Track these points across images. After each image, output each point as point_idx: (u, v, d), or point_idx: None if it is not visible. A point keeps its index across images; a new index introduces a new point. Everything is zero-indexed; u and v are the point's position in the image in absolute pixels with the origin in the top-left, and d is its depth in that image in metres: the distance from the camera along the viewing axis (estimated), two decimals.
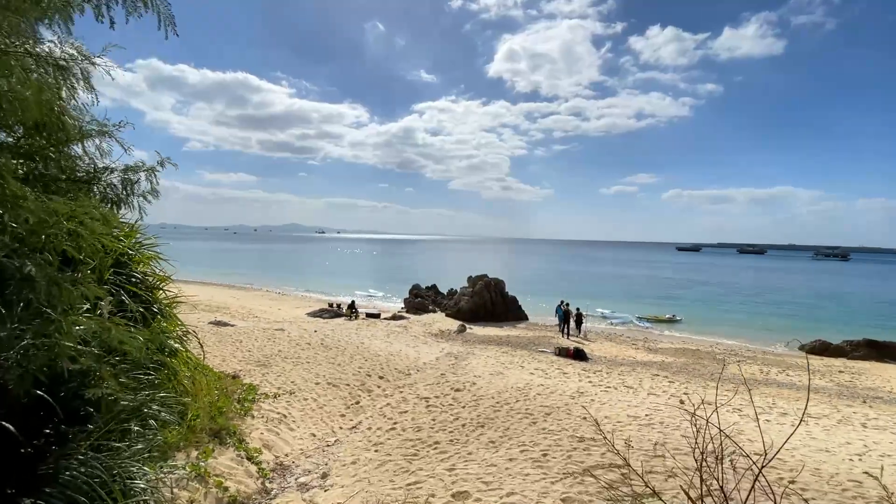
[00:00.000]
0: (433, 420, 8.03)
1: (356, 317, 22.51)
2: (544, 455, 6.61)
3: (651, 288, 47.45)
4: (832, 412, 10.36)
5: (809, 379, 14.85)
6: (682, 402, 10.26)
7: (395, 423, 7.89)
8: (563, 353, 15.47)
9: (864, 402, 11.82)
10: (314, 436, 7.24)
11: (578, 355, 15.09)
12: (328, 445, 6.96)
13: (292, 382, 9.52)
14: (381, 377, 10.73)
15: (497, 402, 9.01)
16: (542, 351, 16.21)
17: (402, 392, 9.75)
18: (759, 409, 10.13)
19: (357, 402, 8.96)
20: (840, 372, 16.48)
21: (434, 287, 30.99)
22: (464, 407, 8.76)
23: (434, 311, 26.08)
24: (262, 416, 7.31)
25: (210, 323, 16.73)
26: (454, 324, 21.95)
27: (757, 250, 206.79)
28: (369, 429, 7.69)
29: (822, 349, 20.72)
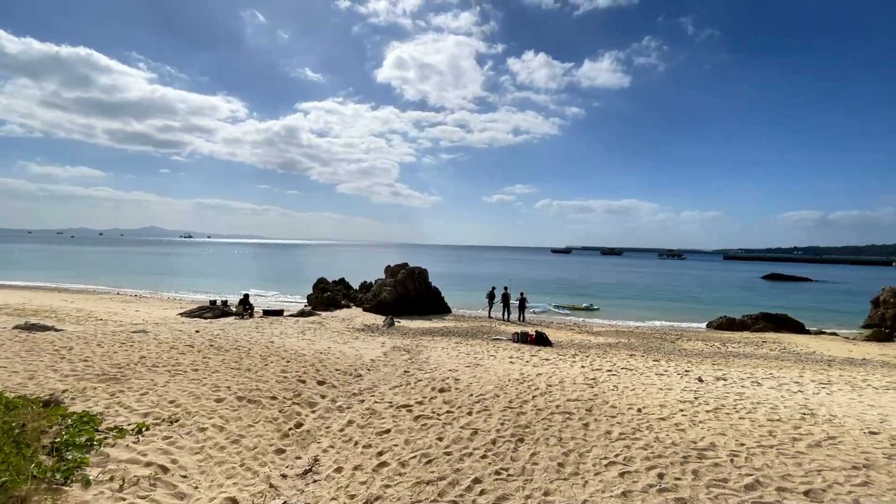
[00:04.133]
0: (439, 440, 4.90)
1: (250, 315, 17.62)
2: (660, 476, 4.01)
3: (551, 283, 48.94)
4: (830, 378, 9.71)
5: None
6: (700, 379, 8.65)
7: (380, 455, 4.57)
8: (522, 339, 13.24)
9: (829, 365, 11.69)
10: (235, 502, 3.60)
11: (541, 340, 13.00)
12: None
13: (171, 402, 5.48)
14: (320, 382, 7.11)
15: (511, 402, 6.22)
16: (497, 339, 13.79)
17: (363, 401, 6.35)
18: (781, 381, 8.97)
19: (299, 425, 5.34)
20: (764, 342, 17.12)
21: (343, 281, 26.82)
22: (470, 413, 5.77)
23: (348, 307, 22.10)
24: (112, 477, 3.44)
25: (15, 328, 10.87)
26: (377, 318, 18.47)
27: (616, 252, 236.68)
28: (339, 471, 4.26)
29: (729, 325, 22.00)
